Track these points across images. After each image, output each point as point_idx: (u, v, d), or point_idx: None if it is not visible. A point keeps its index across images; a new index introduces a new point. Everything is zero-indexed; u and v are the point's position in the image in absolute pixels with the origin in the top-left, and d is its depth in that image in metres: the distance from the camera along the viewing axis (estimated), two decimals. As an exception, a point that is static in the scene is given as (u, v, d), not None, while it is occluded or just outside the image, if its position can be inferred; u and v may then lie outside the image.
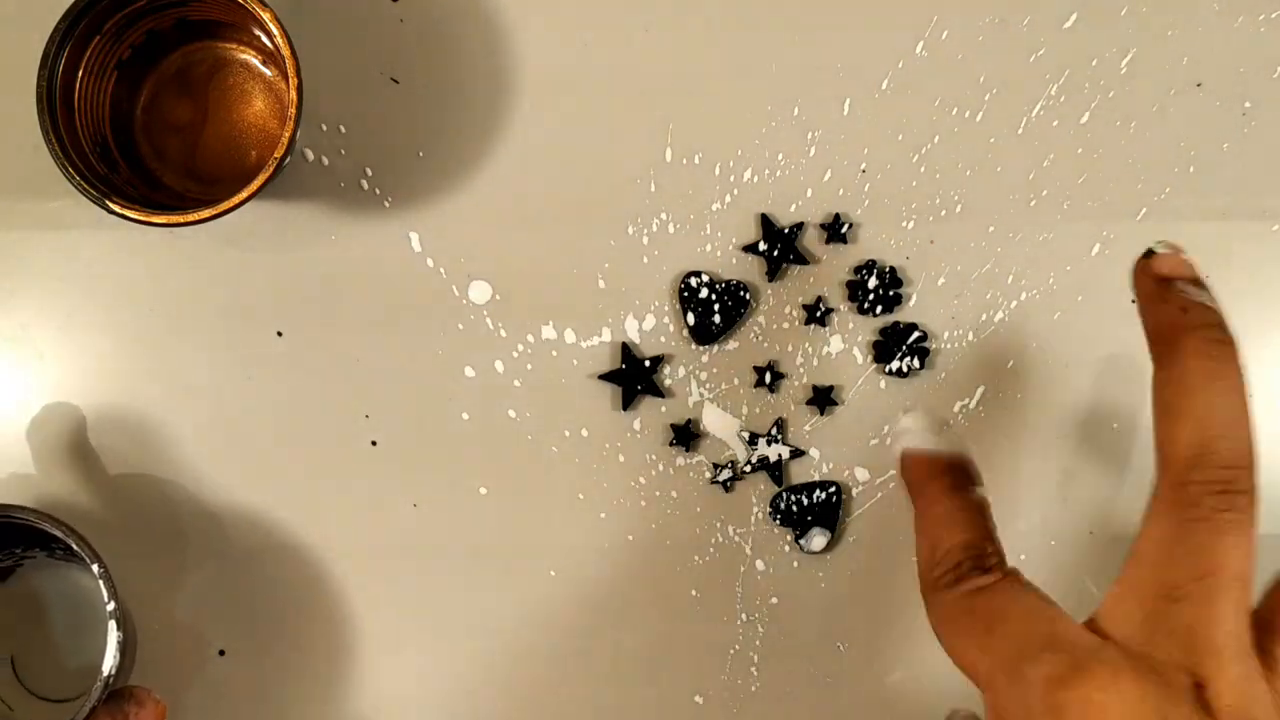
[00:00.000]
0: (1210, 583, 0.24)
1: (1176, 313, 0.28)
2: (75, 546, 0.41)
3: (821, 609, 0.50)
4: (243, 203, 0.43)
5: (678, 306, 0.49)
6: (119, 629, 0.41)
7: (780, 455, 0.49)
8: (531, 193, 0.49)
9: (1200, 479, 0.25)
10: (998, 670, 0.25)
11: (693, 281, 0.49)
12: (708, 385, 0.50)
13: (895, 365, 0.49)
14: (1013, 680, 0.24)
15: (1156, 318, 0.28)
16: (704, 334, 0.49)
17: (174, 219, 0.43)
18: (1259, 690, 0.24)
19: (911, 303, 0.50)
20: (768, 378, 0.49)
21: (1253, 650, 0.24)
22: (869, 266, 0.49)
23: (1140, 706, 0.23)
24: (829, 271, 0.50)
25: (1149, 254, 0.30)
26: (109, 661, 0.40)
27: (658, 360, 0.49)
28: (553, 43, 0.49)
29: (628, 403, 0.49)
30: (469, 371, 0.49)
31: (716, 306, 0.49)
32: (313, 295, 0.49)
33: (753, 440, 0.49)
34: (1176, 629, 0.24)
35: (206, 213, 0.43)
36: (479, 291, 0.49)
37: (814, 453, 0.50)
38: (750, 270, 0.50)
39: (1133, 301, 0.30)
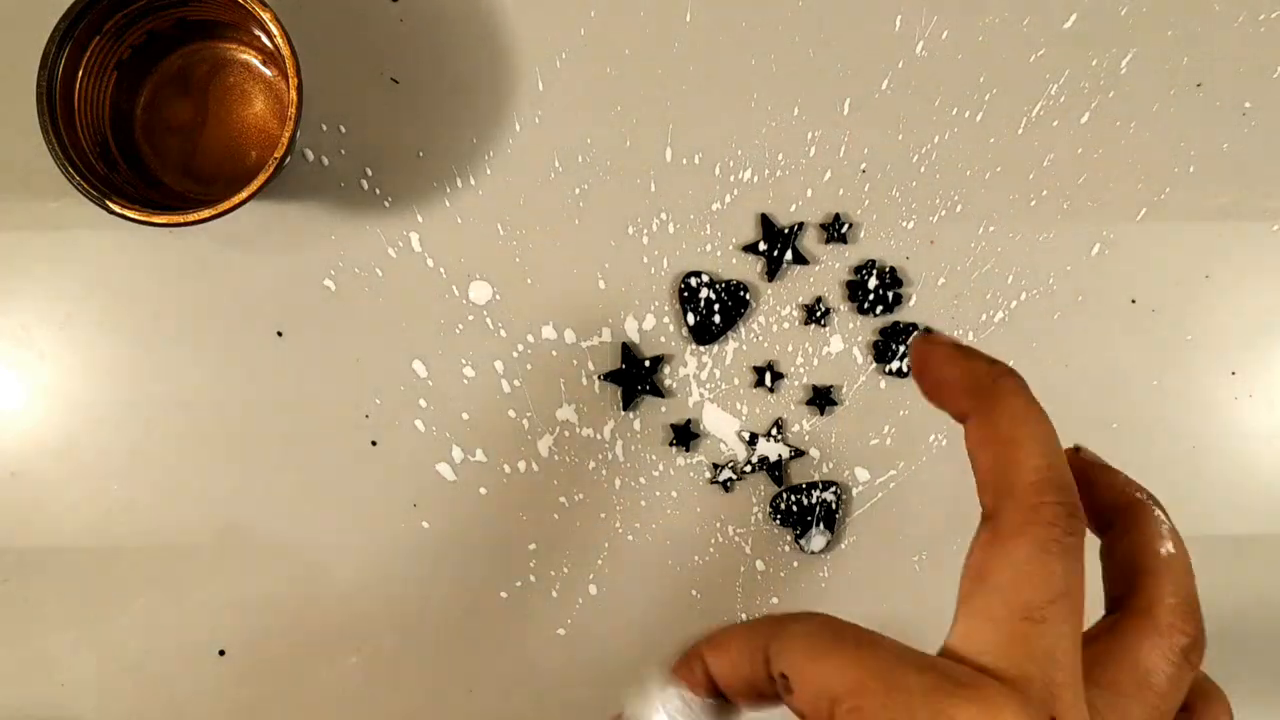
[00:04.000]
0: (1064, 604, 0.24)
1: (984, 365, 0.28)
2: None
3: (821, 609, 0.50)
4: (243, 203, 0.43)
5: (678, 306, 0.49)
6: None
7: (780, 455, 0.49)
8: (531, 193, 0.49)
9: (1053, 500, 0.25)
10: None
11: (693, 281, 0.49)
12: (708, 385, 0.50)
13: (895, 365, 0.49)
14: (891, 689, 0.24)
15: (965, 373, 0.29)
16: (704, 334, 0.49)
17: (174, 219, 0.43)
18: None
19: (911, 303, 0.50)
20: (768, 378, 0.49)
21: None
22: (869, 266, 0.49)
23: None
24: (829, 271, 0.50)
25: (921, 332, 0.30)
26: None
27: (658, 360, 0.49)
28: (552, 43, 0.49)
29: (628, 403, 0.49)
30: (469, 371, 0.49)
31: (716, 306, 0.49)
32: (313, 295, 0.49)
33: (753, 440, 0.49)
34: (1036, 653, 0.24)
35: (206, 213, 0.43)
36: (479, 291, 0.49)
37: (814, 453, 0.50)
38: (750, 270, 0.50)
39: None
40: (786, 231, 0.49)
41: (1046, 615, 0.24)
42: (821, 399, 0.50)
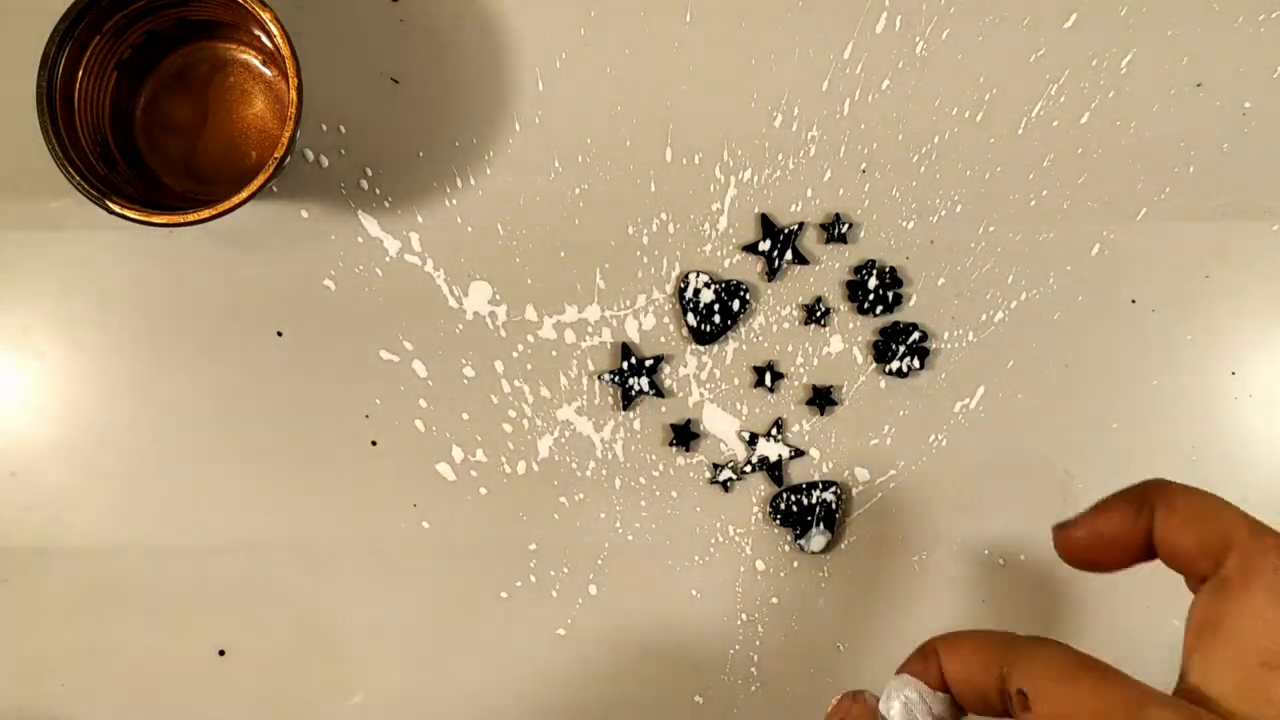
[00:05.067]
0: None
1: (1129, 492, 0.30)
2: None
3: (821, 609, 0.50)
4: (243, 203, 0.43)
5: (678, 306, 0.49)
6: None
7: (780, 455, 0.49)
8: (531, 193, 0.49)
9: (1275, 543, 0.26)
10: None
11: (693, 281, 0.49)
12: (708, 385, 0.50)
13: (895, 365, 0.49)
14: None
15: (1123, 510, 0.30)
16: (704, 334, 0.49)
17: (174, 219, 0.43)
18: None
19: (911, 303, 0.50)
20: (767, 378, 0.49)
21: None
22: (869, 266, 0.49)
23: None
24: (829, 271, 0.50)
25: (1064, 526, 0.31)
26: None
27: (658, 360, 0.49)
28: (552, 43, 0.49)
29: (628, 403, 0.49)
30: (469, 372, 0.49)
31: (716, 306, 0.49)
32: (313, 295, 0.49)
33: (753, 440, 0.49)
34: (1275, 698, 0.25)
35: (206, 213, 0.43)
36: (479, 291, 0.49)
37: (814, 453, 0.50)
38: (750, 270, 0.50)
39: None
40: (786, 231, 0.49)
41: None
42: (821, 399, 0.50)
